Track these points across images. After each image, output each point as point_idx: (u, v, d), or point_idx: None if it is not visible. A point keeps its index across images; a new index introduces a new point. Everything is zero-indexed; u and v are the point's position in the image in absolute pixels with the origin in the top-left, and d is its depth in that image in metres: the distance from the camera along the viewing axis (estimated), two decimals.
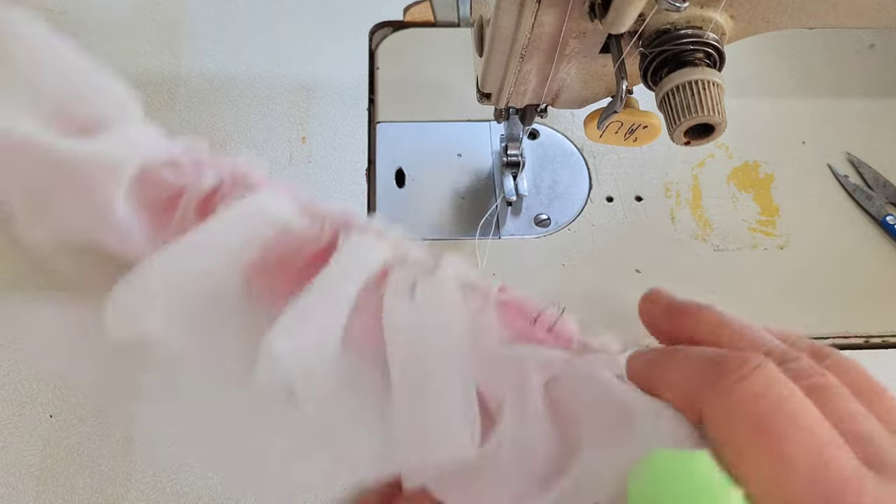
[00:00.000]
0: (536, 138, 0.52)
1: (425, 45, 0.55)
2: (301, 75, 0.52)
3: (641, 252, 0.47)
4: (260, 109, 0.51)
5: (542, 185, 0.50)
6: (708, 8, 0.30)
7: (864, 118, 0.53)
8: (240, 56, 0.53)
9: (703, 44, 0.30)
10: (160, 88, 0.51)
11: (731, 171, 0.51)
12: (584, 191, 0.50)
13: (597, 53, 0.33)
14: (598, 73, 0.35)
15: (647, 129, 0.34)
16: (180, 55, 0.53)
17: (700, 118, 0.30)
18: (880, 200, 0.49)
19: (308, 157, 0.49)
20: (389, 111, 0.52)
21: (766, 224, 0.49)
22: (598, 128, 0.34)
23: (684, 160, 0.51)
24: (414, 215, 0.48)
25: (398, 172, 0.50)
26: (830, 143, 0.52)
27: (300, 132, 0.50)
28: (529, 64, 0.34)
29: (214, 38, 0.54)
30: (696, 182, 0.50)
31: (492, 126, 0.52)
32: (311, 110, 0.51)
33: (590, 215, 0.48)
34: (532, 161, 0.51)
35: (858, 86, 0.55)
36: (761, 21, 0.32)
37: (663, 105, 0.31)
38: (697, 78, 0.30)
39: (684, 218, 0.49)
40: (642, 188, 0.50)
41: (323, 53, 0.54)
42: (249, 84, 0.52)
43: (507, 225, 0.48)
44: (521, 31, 0.31)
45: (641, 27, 0.30)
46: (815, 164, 0.51)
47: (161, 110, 0.50)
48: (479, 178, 0.50)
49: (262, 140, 0.50)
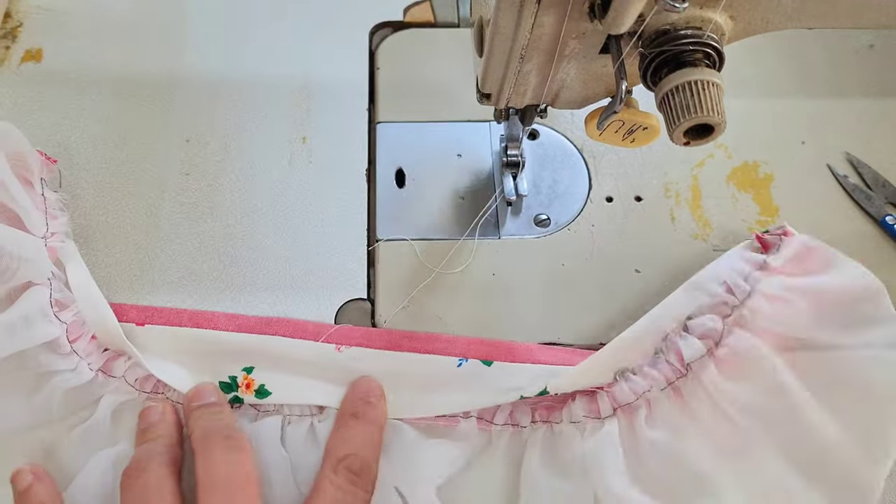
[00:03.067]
0: (536, 138, 0.52)
1: (425, 46, 0.55)
2: (301, 75, 0.53)
3: (641, 252, 0.47)
4: (260, 109, 0.51)
5: (541, 185, 0.50)
6: (707, 8, 0.30)
7: (864, 118, 0.53)
8: (240, 56, 0.53)
9: (703, 44, 0.30)
10: (160, 88, 0.51)
11: (731, 171, 0.51)
12: (584, 191, 0.50)
13: (597, 54, 0.33)
14: (598, 73, 0.35)
15: (646, 130, 0.34)
16: (180, 55, 0.53)
17: (700, 118, 0.30)
18: (880, 200, 0.49)
19: (308, 158, 0.49)
20: (389, 111, 0.52)
21: (766, 224, 0.49)
22: (598, 128, 0.34)
23: (684, 160, 0.51)
24: (414, 215, 0.48)
25: (398, 172, 0.50)
26: (830, 144, 0.52)
27: (300, 132, 0.50)
28: (529, 64, 0.34)
29: (214, 38, 0.54)
30: (695, 182, 0.50)
31: (492, 126, 0.52)
32: (311, 110, 0.51)
33: (589, 215, 0.49)
34: (532, 161, 0.51)
35: (858, 86, 0.55)
36: (761, 21, 0.32)
37: (663, 105, 0.31)
38: (697, 78, 0.30)
39: (684, 218, 0.49)
40: (642, 188, 0.50)
41: (323, 54, 0.54)
42: (249, 84, 0.52)
43: (506, 225, 0.48)
44: (521, 31, 0.31)
45: (641, 27, 0.30)
46: (815, 165, 0.51)
47: (161, 110, 0.50)
48: (479, 178, 0.50)
49: (262, 140, 0.50)
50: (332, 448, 0.39)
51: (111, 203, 0.47)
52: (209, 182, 0.48)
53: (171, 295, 0.44)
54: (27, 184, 0.42)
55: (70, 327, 0.40)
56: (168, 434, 0.39)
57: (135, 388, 0.40)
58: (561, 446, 0.40)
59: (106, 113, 0.50)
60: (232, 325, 0.42)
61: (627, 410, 0.39)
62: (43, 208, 0.42)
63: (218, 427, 0.38)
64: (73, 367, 0.39)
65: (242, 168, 0.49)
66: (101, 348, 0.41)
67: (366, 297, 0.45)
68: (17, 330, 0.38)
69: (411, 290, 0.45)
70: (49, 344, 0.39)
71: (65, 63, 0.51)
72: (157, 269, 0.45)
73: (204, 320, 0.42)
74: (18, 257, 0.38)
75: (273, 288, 0.45)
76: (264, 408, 0.41)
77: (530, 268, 0.46)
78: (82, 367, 0.39)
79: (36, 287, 0.39)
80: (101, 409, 0.40)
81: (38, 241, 0.41)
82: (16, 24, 0.53)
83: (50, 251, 0.41)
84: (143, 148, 0.49)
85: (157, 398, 0.41)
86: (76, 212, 0.46)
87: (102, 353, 0.41)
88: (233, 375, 0.41)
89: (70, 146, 0.48)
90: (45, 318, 0.39)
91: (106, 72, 0.51)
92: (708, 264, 0.42)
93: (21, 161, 0.42)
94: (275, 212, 0.47)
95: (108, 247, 0.45)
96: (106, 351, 0.41)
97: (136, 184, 0.47)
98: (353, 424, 0.39)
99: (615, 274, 0.46)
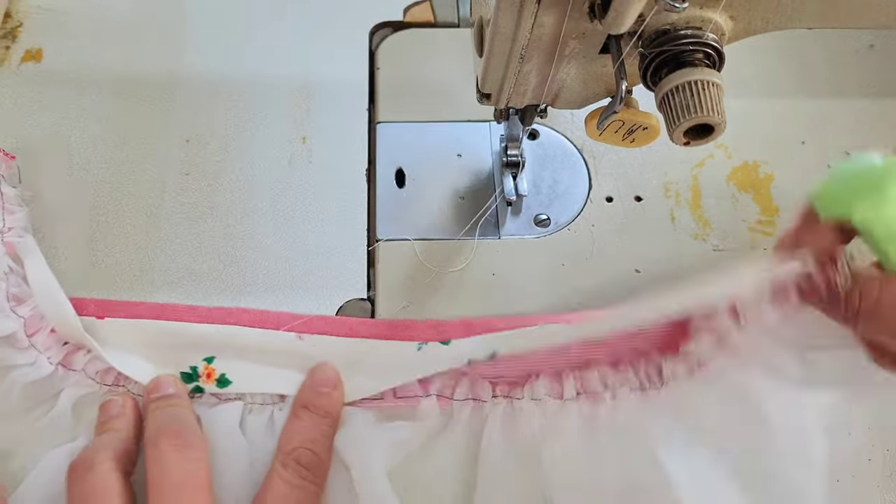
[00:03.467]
0: (536, 138, 0.52)
1: (425, 46, 0.55)
2: (301, 75, 0.52)
3: (641, 252, 0.47)
4: (260, 109, 0.51)
5: (541, 185, 0.50)
6: (707, 8, 0.30)
7: (864, 118, 0.53)
8: (240, 56, 0.53)
9: (703, 44, 0.30)
10: (160, 88, 0.51)
11: (731, 172, 0.51)
12: (584, 191, 0.50)
13: (597, 54, 0.33)
14: (598, 73, 0.35)
15: (646, 130, 0.34)
16: (180, 55, 0.53)
17: (699, 118, 0.30)
18: None
19: (308, 158, 0.49)
20: (389, 111, 0.52)
21: (766, 224, 0.49)
22: (598, 127, 0.34)
23: (684, 160, 0.51)
24: (414, 215, 0.48)
25: (398, 172, 0.50)
26: (830, 144, 0.52)
27: (300, 132, 0.50)
28: (529, 64, 0.34)
29: (214, 38, 0.54)
30: (695, 182, 0.50)
31: (492, 126, 0.52)
32: (311, 110, 0.51)
33: (589, 215, 0.49)
34: (532, 161, 0.51)
35: (858, 86, 0.55)
36: (760, 21, 0.32)
37: (663, 105, 0.31)
38: (697, 78, 0.30)
39: (684, 218, 0.49)
40: (642, 188, 0.50)
41: (323, 54, 0.54)
42: (249, 84, 0.52)
43: (506, 225, 0.48)
44: (521, 31, 0.31)
45: (641, 27, 0.31)
46: (815, 165, 0.51)
47: (161, 110, 0.50)
48: (479, 178, 0.50)
49: (262, 140, 0.50)
50: (283, 441, 0.38)
51: (111, 203, 0.47)
52: (209, 182, 0.48)
53: (171, 295, 0.44)
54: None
55: (28, 321, 0.39)
56: (125, 428, 0.38)
57: (96, 381, 0.40)
58: (521, 422, 0.40)
59: (106, 113, 0.50)
60: (192, 315, 0.42)
61: (591, 397, 0.40)
62: (0, 204, 0.42)
63: (171, 423, 0.37)
64: (32, 362, 0.39)
65: (242, 168, 0.49)
66: (60, 342, 0.40)
67: (366, 297, 0.45)
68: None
69: (411, 290, 0.45)
70: (6, 338, 0.39)
71: (65, 63, 0.51)
72: (157, 269, 0.45)
73: (164, 312, 0.42)
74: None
75: (273, 288, 0.45)
76: (225, 396, 0.41)
77: (530, 268, 0.46)
78: (41, 361, 0.39)
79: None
80: (61, 402, 0.39)
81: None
82: (16, 24, 0.53)
83: (7, 246, 0.41)
84: (143, 148, 0.49)
85: (118, 391, 0.40)
86: (76, 212, 0.46)
87: (62, 347, 0.40)
88: (193, 365, 0.41)
89: (70, 146, 0.48)
90: (1, 313, 0.39)
91: (106, 72, 0.51)
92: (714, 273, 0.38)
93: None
94: (275, 212, 0.47)
95: (108, 247, 0.45)
96: (66, 345, 0.40)
97: (136, 184, 0.47)
98: (303, 416, 0.39)
99: (615, 274, 0.46)
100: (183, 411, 0.39)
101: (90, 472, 0.35)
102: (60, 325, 0.40)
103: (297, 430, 0.39)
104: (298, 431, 0.38)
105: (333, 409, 0.40)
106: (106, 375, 0.40)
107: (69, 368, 0.40)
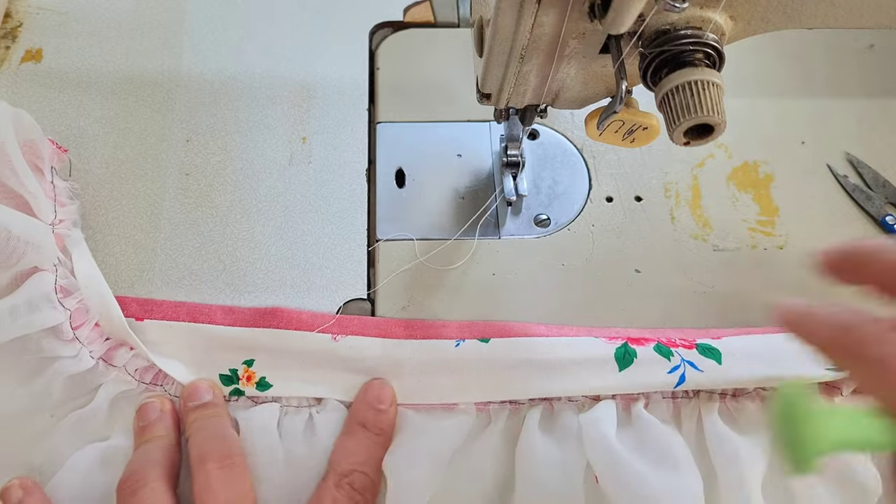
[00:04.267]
0: (536, 138, 0.52)
1: (425, 46, 0.55)
2: (301, 75, 0.52)
3: (641, 252, 0.47)
4: (260, 109, 0.51)
5: (541, 185, 0.50)
6: (707, 8, 0.30)
7: (864, 118, 0.53)
8: (240, 56, 0.53)
9: (703, 44, 0.30)
10: (160, 88, 0.51)
11: (731, 171, 0.51)
12: (584, 191, 0.50)
13: (597, 54, 0.33)
14: (598, 73, 0.35)
15: (646, 130, 0.34)
16: (180, 55, 0.53)
17: (700, 118, 0.30)
18: (880, 200, 0.49)
19: (308, 158, 0.49)
20: (389, 111, 0.52)
21: (766, 224, 0.49)
22: (598, 128, 0.34)
23: (684, 160, 0.51)
24: (414, 215, 0.48)
25: (398, 172, 0.50)
26: (830, 143, 0.52)
27: (300, 132, 0.50)
28: (529, 64, 0.34)
29: (214, 38, 0.54)
30: (695, 182, 0.50)
31: (492, 126, 0.52)
32: (311, 110, 0.51)
33: (589, 215, 0.49)
34: (532, 161, 0.51)
35: (858, 86, 0.55)
36: (761, 21, 0.32)
37: (663, 105, 0.31)
38: (697, 78, 0.30)
39: (684, 218, 0.49)
40: (642, 188, 0.50)
41: (323, 54, 0.54)
42: (249, 84, 0.52)
43: (506, 225, 0.48)
44: (521, 31, 0.31)
45: (641, 27, 0.30)
46: (815, 164, 0.51)
47: (161, 110, 0.50)
48: (479, 178, 0.50)
49: (262, 140, 0.50)
50: (337, 460, 0.39)
51: (111, 203, 0.47)
52: (209, 182, 0.48)
53: (171, 294, 0.44)
54: (37, 171, 0.42)
55: (74, 314, 0.40)
56: (167, 434, 0.39)
57: (134, 379, 0.40)
58: (559, 418, 0.40)
59: (106, 113, 0.50)
60: (229, 317, 0.43)
61: (626, 399, 0.40)
62: (52, 195, 0.42)
63: (215, 440, 0.38)
64: (74, 354, 0.39)
65: (242, 168, 0.49)
66: (103, 337, 0.41)
67: (366, 297, 0.45)
68: (20, 314, 0.38)
69: (411, 289, 0.45)
70: (52, 330, 0.39)
71: (65, 63, 0.51)
72: (157, 269, 0.45)
73: (201, 314, 0.42)
74: (26, 242, 0.38)
75: (273, 288, 0.45)
76: (263, 399, 0.41)
77: (530, 268, 0.46)
78: (84, 355, 0.39)
79: (41, 273, 0.40)
80: (99, 397, 0.40)
81: (45, 228, 0.40)
82: (16, 24, 0.53)
83: (57, 238, 0.41)
84: (143, 148, 0.49)
85: (155, 390, 0.41)
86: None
87: (104, 342, 0.41)
88: (233, 368, 0.41)
89: (70, 146, 0.48)
90: (49, 304, 0.39)
91: (106, 72, 0.51)
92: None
93: (32, 148, 0.42)
94: (275, 212, 0.47)
95: (108, 247, 0.45)
96: (108, 340, 0.41)
97: (136, 184, 0.47)
98: (360, 435, 0.39)
99: (615, 274, 0.46)
100: (223, 422, 0.39)
101: (142, 490, 0.35)
102: (105, 320, 0.40)
103: (352, 450, 0.39)
104: (353, 452, 0.39)
105: (388, 427, 0.40)
106: (145, 374, 0.41)
107: (110, 364, 0.40)
